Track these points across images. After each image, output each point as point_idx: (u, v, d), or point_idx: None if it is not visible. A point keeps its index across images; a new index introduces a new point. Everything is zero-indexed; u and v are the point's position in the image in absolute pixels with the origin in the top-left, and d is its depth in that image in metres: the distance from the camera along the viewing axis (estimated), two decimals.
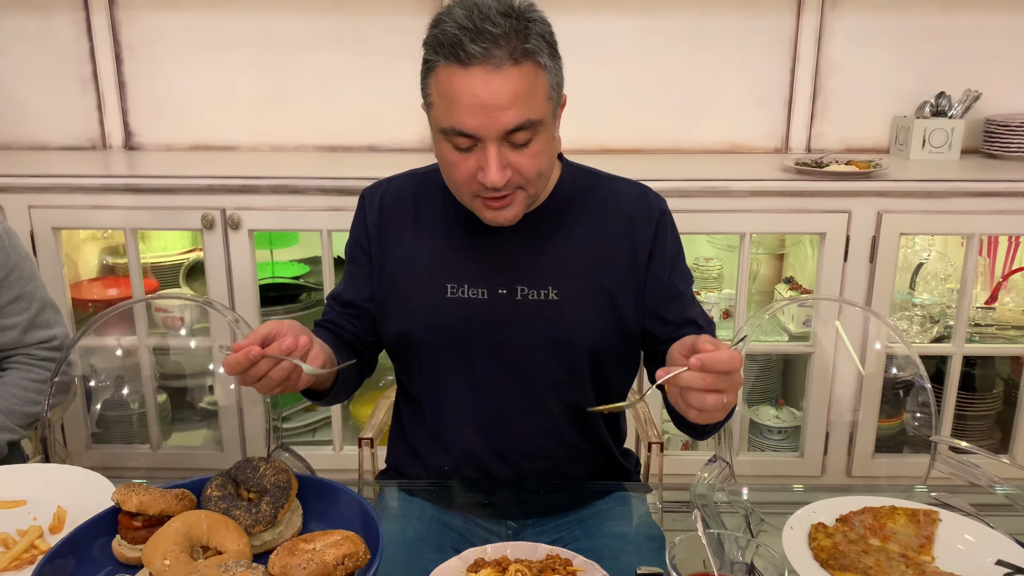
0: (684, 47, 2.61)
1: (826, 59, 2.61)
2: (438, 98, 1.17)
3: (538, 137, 1.18)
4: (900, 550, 1.13)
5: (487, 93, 1.12)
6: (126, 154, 2.64)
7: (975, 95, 2.53)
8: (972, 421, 2.56)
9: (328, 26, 2.60)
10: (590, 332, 1.31)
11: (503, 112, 1.12)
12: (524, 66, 1.13)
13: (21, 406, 1.64)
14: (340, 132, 2.69)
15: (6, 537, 1.11)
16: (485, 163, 1.16)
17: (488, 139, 1.15)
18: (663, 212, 1.36)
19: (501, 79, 1.11)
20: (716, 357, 0.99)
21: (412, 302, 1.33)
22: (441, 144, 1.20)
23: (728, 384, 1.01)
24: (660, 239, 1.34)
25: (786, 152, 2.68)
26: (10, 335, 1.66)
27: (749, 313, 2.36)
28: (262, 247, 2.57)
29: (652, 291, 1.34)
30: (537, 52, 1.14)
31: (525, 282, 1.30)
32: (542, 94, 1.16)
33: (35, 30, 2.60)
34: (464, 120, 1.14)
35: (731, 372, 1.00)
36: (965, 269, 2.28)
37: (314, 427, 2.65)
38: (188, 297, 2.33)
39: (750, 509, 1.31)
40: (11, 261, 1.64)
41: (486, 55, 1.10)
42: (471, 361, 1.32)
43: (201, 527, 1.04)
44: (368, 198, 1.41)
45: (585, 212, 1.34)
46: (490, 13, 1.11)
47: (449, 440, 1.37)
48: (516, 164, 1.17)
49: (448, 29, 1.12)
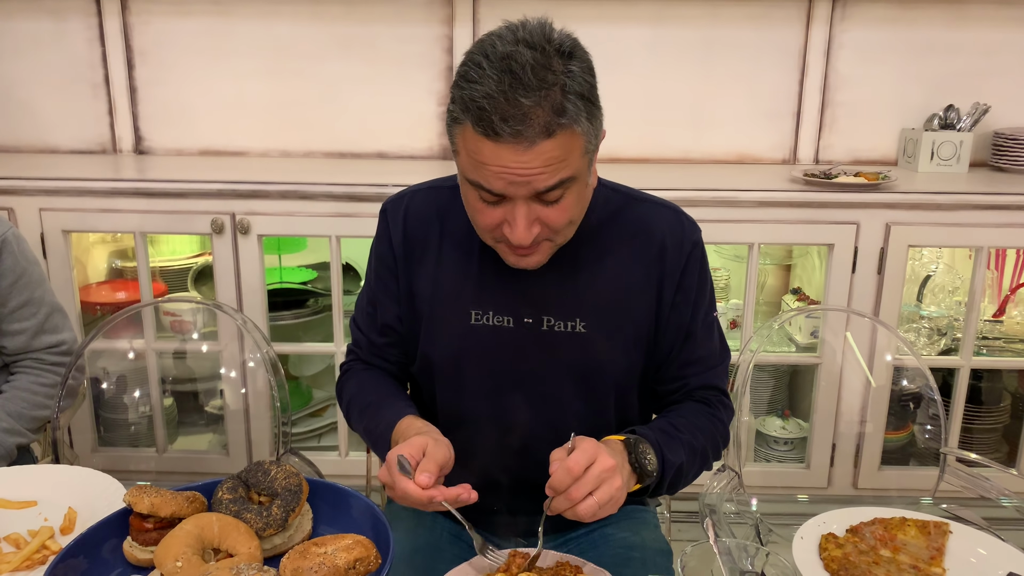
0: (694, 58, 2.62)
1: (835, 71, 2.62)
2: (464, 152, 1.09)
3: (570, 191, 1.10)
4: (911, 561, 1.13)
5: (517, 166, 1.04)
6: (136, 158, 2.66)
7: (984, 108, 2.54)
8: (979, 434, 2.55)
9: (339, 34, 2.61)
10: (617, 366, 1.28)
11: (534, 179, 1.05)
12: (558, 137, 1.04)
13: (30, 410, 1.65)
14: (349, 139, 2.70)
15: (17, 537, 1.12)
16: (512, 220, 1.10)
17: (517, 197, 1.08)
18: (696, 244, 1.30)
19: (533, 154, 1.03)
20: (554, 480, 1.02)
21: (435, 327, 1.29)
22: (467, 189, 1.14)
23: (585, 488, 1.01)
24: (689, 272, 1.28)
25: (794, 163, 2.69)
26: (19, 340, 1.67)
27: (756, 324, 2.36)
28: (270, 252, 2.58)
29: (670, 325, 1.29)
30: (574, 119, 1.04)
31: (552, 312, 1.25)
32: (577, 153, 1.08)
33: (48, 35, 2.61)
34: (491, 183, 1.07)
35: (577, 479, 1.01)
36: (973, 282, 2.27)
37: (320, 432, 2.65)
38: (198, 300, 2.34)
39: (759, 519, 1.30)
40: (20, 266, 1.65)
41: (516, 135, 1.02)
42: (493, 389, 1.28)
43: (213, 530, 1.04)
44: (391, 213, 1.34)
45: (616, 239, 1.27)
46: (524, 76, 1.01)
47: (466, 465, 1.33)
48: (545, 218, 1.11)
49: (476, 95, 1.02)
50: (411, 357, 1.35)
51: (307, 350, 2.53)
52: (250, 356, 2.17)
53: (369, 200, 2.20)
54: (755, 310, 2.35)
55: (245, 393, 2.28)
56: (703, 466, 1.28)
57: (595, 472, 1.02)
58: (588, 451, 1.03)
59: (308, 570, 0.94)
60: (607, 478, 1.03)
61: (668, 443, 1.17)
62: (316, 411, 2.69)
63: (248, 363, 2.20)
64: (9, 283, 1.63)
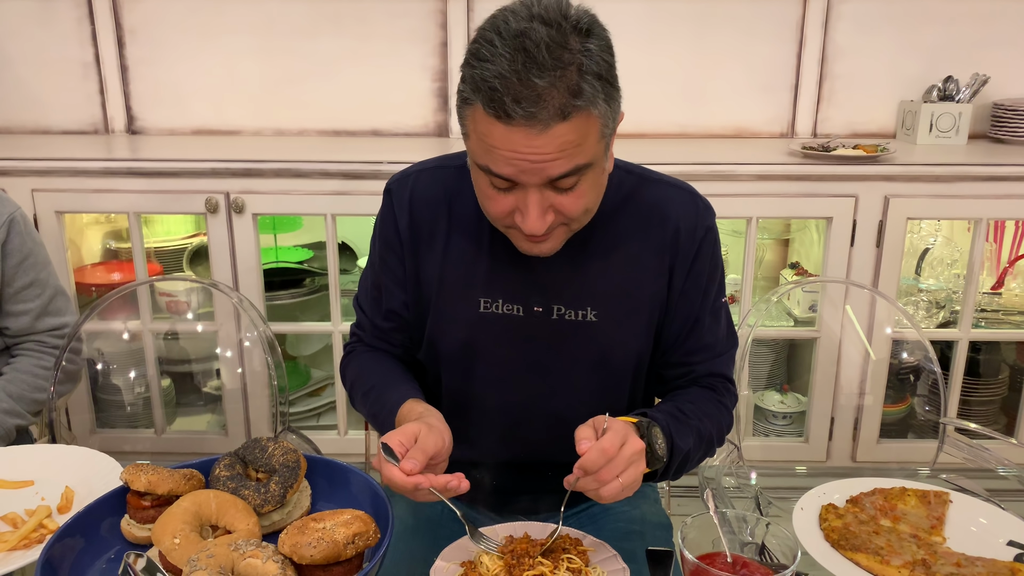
0: (690, 32, 2.59)
1: (832, 44, 2.60)
2: (475, 135, 1.04)
3: (586, 178, 1.06)
4: (911, 531, 1.13)
5: (530, 151, 0.99)
6: (129, 138, 2.63)
7: (983, 79, 2.52)
8: (977, 406, 2.56)
9: (331, 10, 2.58)
10: (628, 355, 1.26)
11: (547, 165, 1.01)
12: (574, 120, 0.99)
13: (31, 392, 1.65)
14: (343, 116, 2.67)
15: (15, 517, 1.11)
16: (525, 208, 1.05)
17: (529, 184, 1.03)
18: (709, 228, 1.26)
19: (547, 138, 0.98)
20: (587, 460, 1.00)
21: (443, 314, 1.25)
22: (476, 173, 1.09)
23: (616, 469, 1.01)
24: (701, 258, 1.25)
25: (792, 137, 2.67)
26: (23, 320, 1.66)
27: (754, 298, 2.35)
28: (266, 232, 2.57)
29: (678, 311, 1.27)
30: (591, 101, 0.99)
31: (562, 301, 1.22)
32: (594, 138, 1.03)
33: (36, 14, 2.58)
34: (502, 168, 1.02)
35: (610, 461, 1.00)
36: (972, 254, 2.27)
37: (319, 411, 2.65)
38: (192, 279, 2.33)
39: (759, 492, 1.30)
40: (27, 247, 1.64)
41: (529, 117, 0.97)
42: (502, 378, 1.26)
43: (210, 507, 1.03)
44: (396, 194, 1.28)
45: (629, 223, 1.24)
46: (538, 55, 0.96)
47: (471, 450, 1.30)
48: (559, 206, 1.06)
49: (487, 75, 0.97)
50: (416, 342, 1.32)
51: (304, 329, 2.52)
52: (247, 336, 2.16)
53: (364, 178, 2.19)
54: (753, 285, 2.34)
55: (242, 373, 2.27)
56: (707, 453, 1.27)
57: (626, 454, 1.01)
58: (620, 432, 1.02)
59: (307, 545, 0.93)
60: (635, 460, 1.02)
61: (678, 429, 1.16)
62: (314, 390, 2.69)
63: (245, 343, 2.19)
64: (15, 263, 1.62)
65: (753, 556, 0.98)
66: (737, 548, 0.97)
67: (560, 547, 1.05)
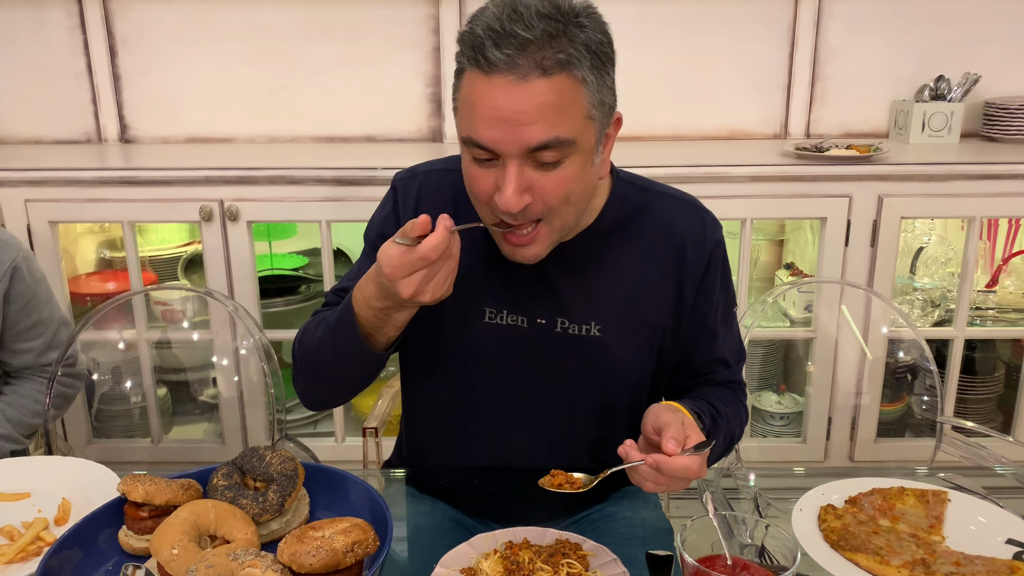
0: (682, 33, 2.60)
1: (824, 44, 2.60)
2: (462, 103, 1.05)
3: (570, 160, 1.04)
4: (910, 530, 1.13)
5: (508, 105, 0.99)
6: (122, 147, 2.63)
7: (974, 78, 2.52)
8: (973, 404, 2.56)
9: (323, 16, 2.58)
10: (631, 369, 1.26)
11: (525, 128, 0.99)
12: (556, 78, 0.99)
13: (29, 417, 1.67)
14: (337, 123, 2.67)
15: (11, 529, 1.11)
16: (502, 183, 1.03)
17: (508, 155, 1.02)
18: (717, 243, 1.26)
19: (525, 91, 0.98)
20: (671, 465, 1.00)
21: (447, 322, 1.24)
22: (464, 154, 1.10)
23: (679, 484, 1.03)
24: (711, 273, 1.25)
25: (785, 138, 2.67)
26: (25, 358, 1.69)
27: (750, 299, 2.35)
28: (260, 239, 2.56)
29: (691, 326, 1.27)
30: (575, 63, 1.00)
31: (566, 315, 1.22)
32: (578, 111, 1.02)
33: (27, 24, 2.57)
34: (482, 132, 1.01)
35: (684, 477, 1.01)
36: (966, 252, 2.27)
37: (316, 419, 2.64)
38: (187, 288, 2.32)
39: (758, 493, 1.30)
40: (29, 291, 1.65)
41: (509, 63, 0.97)
42: (502, 387, 1.26)
43: (208, 516, 1.03)
44: (402, 190, 1.27)
45: (635, 237, 1.23)
46: (525, 13, 0.98)
47: (469, 458, 1.31)
48: (539, 187, 1.04)
49: (476, 29, 1.00)
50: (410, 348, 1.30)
51: None
52: (243, 344, 2.15)
53: (359, 184, 2.18)
54: (749, 286, 2.34)
55: (239, 381, 2.27)
56: (724, 454, 1.29)
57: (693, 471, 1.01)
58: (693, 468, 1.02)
59: (306, 554, 0.93)
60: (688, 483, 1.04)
61: (715, 430, 1.17)
62: None
63: (241, 351, 2.18)
64: (18, 308, 1.64)
65: (753, 558, 0.97)
66: (737, 550, 0.97)
67: (560, 552, 1.05)
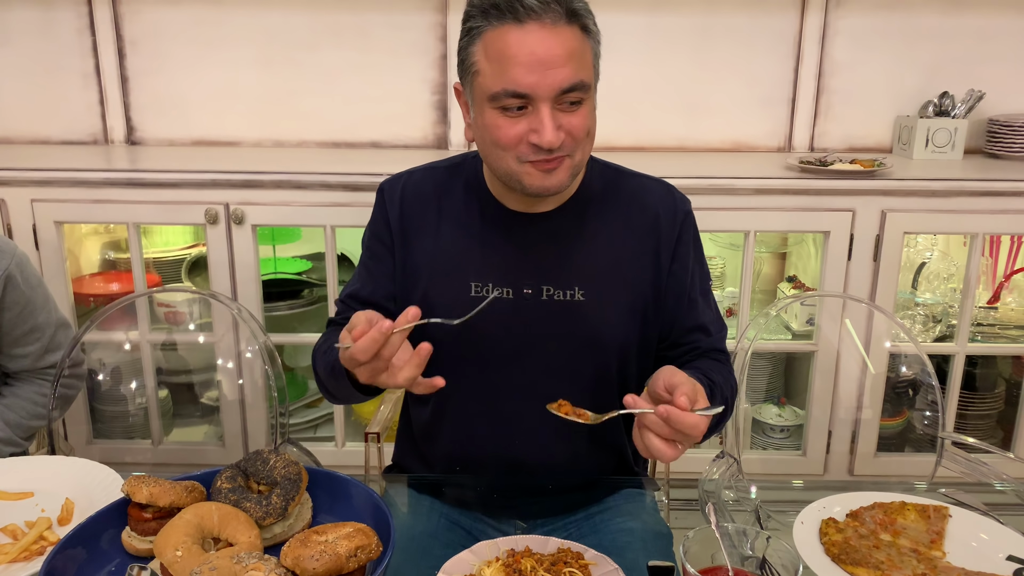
0: (689, 46, 2.61)
1: (830, 58, 2.61)
2: (486, 63, 1.15)
3: (587, 102, 1.18)
4: (911, 545, 1.13)
5: (544, 49, 1.12)
6: (128, 149, 2.64)
7: (978, 95, 2.53)
8: (974, 420, 2.56)
9: (331, 22, 2.59)
10: (616, 334, 1.31)
11: (559, 70, 1.12)
12: (574, 28, 1.15)
13: (28, 420, 1.66)
14: (343, 128, 2.68)
15: (15, 529, 1.11)
16: (539, 125, 1.15)
17: (541, 99, 1.14)
18: (687, 213, 1.37)
19: (557, 37, 1.12)
20: (682, 419, 1.02)
21: (434, 300, 1.29)
22: (487, 113, 1.18)
23: (683, 440, 1.05)
24: (683, 241, 1.34)
25: (789, 151, 2.68)
26: (23, 363, 1.68)
27: (752, 312, 2.36)
28: (264, 243, 2.56)
29: (670, 294, 1.34)
30: (585, 15, 1.16)
31: (551, 282, 1.29)
32: (589, 59, 1.18)
33: (37, 24, 2.59)
34: (520, 79, 1.13)
35: (690, 435, 1.04)
36: (968, 268, 2.28)
37: (316, 423, 2.64)
38: (191, 290, 2.32)
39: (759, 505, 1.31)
40: (24, 297, 1.63)
41: (544, 10, 1.11)
42: (492, 361, 1.30)
43: (212, 519, 1.03)
44: (388, 192, 1.38)
45: (611, 210, 1.32)
46: None
47: (463, 439, 1.34)
48: (568, 125, 1.17)
49: None
50: None
51: (302, 340, 2.51)
52: (246, 347, 2.16)
53: (363, 189, 2.19)
54: (751, 298, 2.35)
55: (241, 384, 2.27)
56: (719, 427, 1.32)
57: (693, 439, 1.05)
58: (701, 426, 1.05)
59: (309, 558, 0.93)
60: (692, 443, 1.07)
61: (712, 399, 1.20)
62: (312, 402, 2.69)
63: (244, 354, 2.19)
64: (14, 314, 1.63)
65: (754, 570, 0.98)
66: (738, 562, 0.97)
67: (562, 560, 1.05)
